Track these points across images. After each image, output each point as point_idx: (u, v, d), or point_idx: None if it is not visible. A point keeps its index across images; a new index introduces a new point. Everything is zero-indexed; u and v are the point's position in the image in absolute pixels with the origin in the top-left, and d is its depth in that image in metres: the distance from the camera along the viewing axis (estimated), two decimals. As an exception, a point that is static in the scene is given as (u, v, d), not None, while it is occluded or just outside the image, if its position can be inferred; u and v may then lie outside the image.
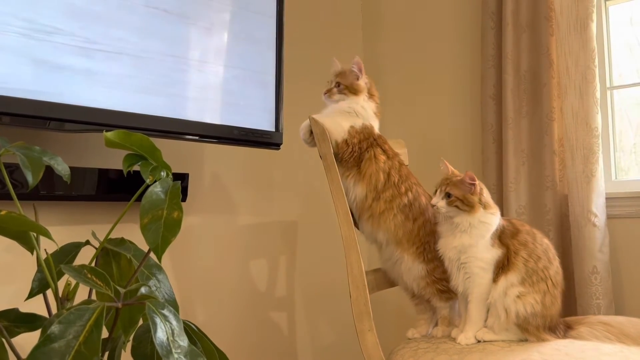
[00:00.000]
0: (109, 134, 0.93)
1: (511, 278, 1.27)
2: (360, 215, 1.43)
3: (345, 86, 1.45)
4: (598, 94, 1.75)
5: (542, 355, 1.16)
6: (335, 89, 1.46)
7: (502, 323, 1.27)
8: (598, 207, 1.72)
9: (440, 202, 1.30)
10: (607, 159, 1.85)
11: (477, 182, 1.31)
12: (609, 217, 1.76)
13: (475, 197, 1.29)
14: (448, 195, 1.30)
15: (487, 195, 1.33)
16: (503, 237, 1.31)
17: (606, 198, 1.75)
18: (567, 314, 1.44)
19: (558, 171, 1.84)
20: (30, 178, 0.84)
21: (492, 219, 1.31)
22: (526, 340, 1.27)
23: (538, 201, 1.86)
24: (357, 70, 1.46)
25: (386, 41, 2.45)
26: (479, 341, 1.28)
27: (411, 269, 1.39)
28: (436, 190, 1.33)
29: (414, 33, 2.37)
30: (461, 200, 1.29)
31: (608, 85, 1.89)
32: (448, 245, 1.31)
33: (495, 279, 1.28)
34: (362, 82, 1.47)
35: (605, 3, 1.93)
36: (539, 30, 1.90)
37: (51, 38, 1.24)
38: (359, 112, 1.44)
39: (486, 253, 1.29)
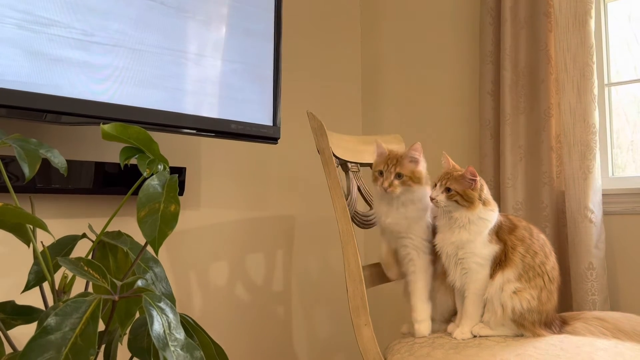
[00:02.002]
0: (106, 127, 0.93)
1: (508, 274, 1.27)
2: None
3: (407, 177, 1.34)
4: (596, 91, 1.75)
5: (538, 350, 1.16)
6: (396, 182, 1.34)
7: (498, 318, 1.27)
8: (595, 204, 1.72)
9: (439, 196, 1.30)
10: (604, 155, 1.85)
11: (478, 178, 1.30)
12: (606, 213, 1.77)
13: (475, 193, 1.29)
14: (448, 190, 1.29)
15: (487, 192, 1.33)
16: (500, 233, 1.31)
17: (603, 195, 1.76)
18: (562, 310, 1.44)
19: (555, 167, 1.84)
20: (26, 170, 0.84)
21: (491, 216, 1.31)
22: (522, 335, 1.27)
23: (535, 197, 1.86)
24: (418, 155, 1.36)
25: (384, 36, 2.44)
26: (474, 336, 1.28)
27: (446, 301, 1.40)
28: (436, 184, 1.33)
29: (412, 28, 2.36)
30: (461, 195, 1.29)
31: (606, 82, 1.89)
32: (446, 241, 1.31)
33: (492, 275, 1.29)
34: (422, 167, 1.38)
35: (603, 0, 1.92)
36: (537, 27, 1.90)
37: (48, 30, 1.23)
38: (427, 204, 1.39)
39: (484, 249, 1.29)
